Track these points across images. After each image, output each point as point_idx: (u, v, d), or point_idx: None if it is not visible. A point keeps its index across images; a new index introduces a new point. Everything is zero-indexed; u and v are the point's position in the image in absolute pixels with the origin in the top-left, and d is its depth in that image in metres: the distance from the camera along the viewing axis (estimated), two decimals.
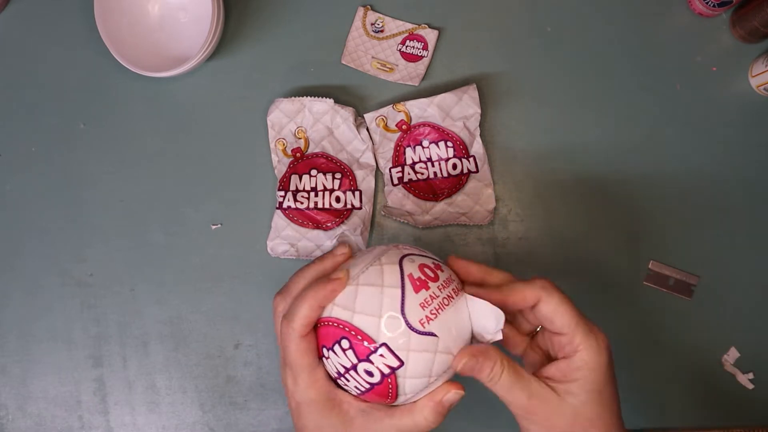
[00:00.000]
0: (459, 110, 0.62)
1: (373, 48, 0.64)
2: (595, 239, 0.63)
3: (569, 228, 0.63)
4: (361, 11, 0.64)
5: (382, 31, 0.64)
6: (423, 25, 0.64)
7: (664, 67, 0.64)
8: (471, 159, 0.62)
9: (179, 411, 0.63)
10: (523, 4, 0.64)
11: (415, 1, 0.64)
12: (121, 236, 0.64)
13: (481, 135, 0.62)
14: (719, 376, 0.62)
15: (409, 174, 0.62)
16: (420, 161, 0.62)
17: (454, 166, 0.62)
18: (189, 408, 0.63)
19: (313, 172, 0.62)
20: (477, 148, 0.62)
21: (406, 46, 0.64)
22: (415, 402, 0.42)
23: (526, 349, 0.47)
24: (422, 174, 0.62)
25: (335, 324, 0.41)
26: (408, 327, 0.40)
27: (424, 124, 0.62)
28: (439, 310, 0.40)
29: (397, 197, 0.62)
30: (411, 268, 0.42)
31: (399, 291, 0.40)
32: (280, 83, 0.64)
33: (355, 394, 0.42)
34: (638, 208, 0.63)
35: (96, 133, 0.65)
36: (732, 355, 0.62)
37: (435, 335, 0.40)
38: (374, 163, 0.63)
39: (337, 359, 0.41)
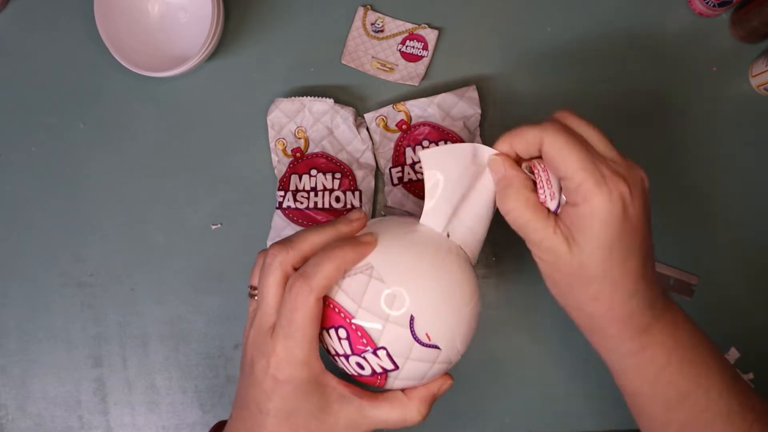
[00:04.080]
0: (459, 110, 0.62)
1: (373, 48, 0.64)
2: None
3: None
4: (361, 11, 0.64)
5: (382, 31, 0.64)
6: (423, 25, 0.64)
7: (664, 67, 0.64)
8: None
9: (179, 411, 0.63)
10: (523, 4, 0.64)
11: (415, 1, 0.64)
12: (121, 236, 0.64)
13: (481, 135, 0.62)
14: None
15: (409, 174, 0.62)
16: (420, 161, 0.62)
17: None
18: (189, 408, 0.63)
19: (313, 172, 0.62)
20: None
21: (406, 46, 0.64)
22: (403, 392, 0.40)
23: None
24: (422, 174, 0.62)
25: (337, 310, 0.38)
26: (413, 337, 0.38)
27: (424, 124, 0.62)
28: None
29: (397, 197, 0.62)
30: None
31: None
32: (280, 83, 0.64)
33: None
34: None
35: (96, 133, 0.65)
36: (732, 355, 0.62)
37: (438, 348, 0.39)
38: (374, 163, 0.63)
39: (330, 342, 0.39)
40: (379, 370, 0.39)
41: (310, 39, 0.65)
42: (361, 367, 0.39)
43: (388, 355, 0.38)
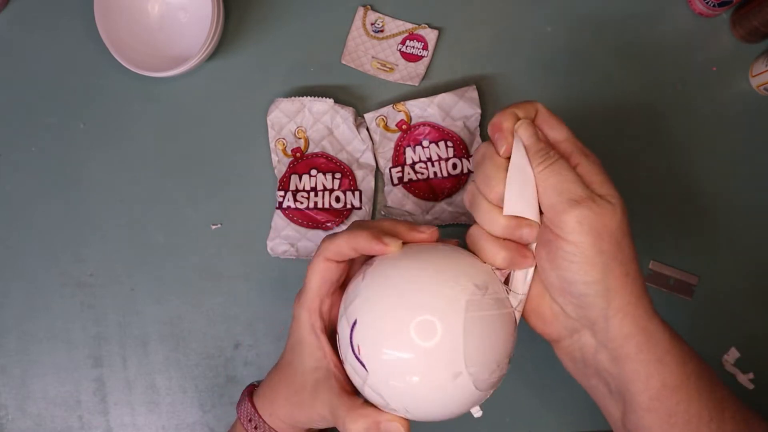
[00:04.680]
0: (459, 110, 0.62)
1: (373, 48, 0.64)
2: None
3: None
4: (361, 11, 0.64)
5: (382, 30, 0.64)
6: (423, 25, 0.64)
7: (664, 67, 0.64)
8: (471, 159, 0.62)
9: (179, 411, 0.63)
10: (523, 4, 0.64)
11: (415, 1, 0.64)
12: (121, 236, 0.64)
13: (481, 135, 0.62)
14: (719, 377, 0.62)
15: (409, 174, 0.62)
16: (420, 161, 0.62)
17: (454, 166, 0.62)
18: (189, 408, 0.63)
19: (313, 172, 0.62)
20: (477, 147, 0.62)
21: (406, 46, 0.64)
22: (362, 403, 0.40)
23: None
24: (422, 174, 0.62)
25: (344, 315, 0.40)
26: (349, 342, 0.38)
27: (424, 124, 0.62)
28: None
29: (397, 197, 0.62)
30: None
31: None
32: (280, 83, 0.64)
33: None
34: (638, 208, 0.63)
35: (96, 133, 0.65)
36: (732, 355, 0.62)
37: (365, 368, 0.39)
38: (374, 163, 0.63)
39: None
40: (354, 370, 0.40)
41: (310, 39, 0.65)
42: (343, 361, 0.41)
43: (363, 365, 0.38)
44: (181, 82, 0.65)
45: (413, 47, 0.64)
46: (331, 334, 0.43)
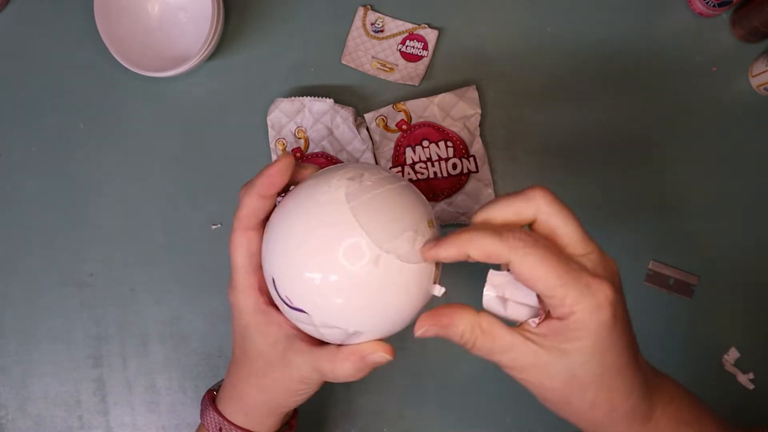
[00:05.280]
0: (459, 110, 0.62)
1: (373, 48, 0.64)
2: (595, 239, 0.63)
3: None
4: (361, 11, 0.64)
5: (382, 31, 0.64)
6: (423, 25, 0.64)
7: (664, 67, 0.64)
8: (471, 159, 0.62)
9: (179, 411, 0.63)
10: (523, 4, 0.64)
11: (415, 1, 0.64)
12: (121, 236, 0.64)
13: (481, 135, 0.62)
14: (719, 376, 0.62)
15: (409, 174, 0.62)
16: (420, 161, 0.62)
17: (454, 166, 0.62)
18: (189, 408, 0.63)
19: None
20: (477, 148, 0.62)
21: (406, 46, 0.64)
22: (339, 348, 0.39)
23: None
24: (422, 174, 0.62)
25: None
26: (279, 298, 0.39)
27: (424, 124, 0.62)
28: None
29: None
30: None
31: None
32: (280, 83, 0.64)
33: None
34: (638, 208, 0.63)
35: (96, 133, 0.65)
36: (732, 355, 0.62)
37: (304, 311, 0.38)
38: (374, 163, 0.63)
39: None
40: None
41: (310, 39, 0.65)
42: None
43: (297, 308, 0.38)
44: (181, 82, 0.65)
45: (413, 47, 0.64)
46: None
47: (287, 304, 0.38)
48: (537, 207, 0.36)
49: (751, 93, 0.63)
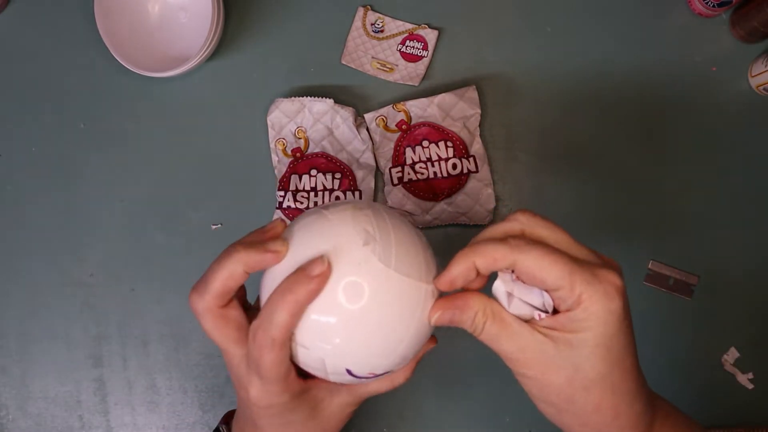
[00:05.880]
0: (459, 110, 0.62)
1: (373, 48, 0.64)
2: (595, 239, 0.63)
3: (569, 228, 0.63)
4: (361, 11, 0.64)
5: (382, 31, 0.64)
6: (423, 25, 0.64)
7: (664, 67, 0.64)
8: (471, 159, 0.62)
9: (179, 411, 0.63)
10: (523, 4, 0.64)
11: (415, 1, 0.64)
12: (121, 236, 0.64)
13: (481, 135, 0.62)
14: (719, 376, 0.62)
15: (409, 174, 0.62)
16: (420, 161, 0.62)
17: (454, 166, 0.62)
18: (189, 408, 0.63)
19: (313, 172, 0.62)
20: (477, 148, 0.62)
21: (406, 46, 0.64)
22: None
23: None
24: (422, 174, 0.62)
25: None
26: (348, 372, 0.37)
27: (424, 124, 0.62)
28: None
29: (397, 197, 0.62)
30: None
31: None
32: (280, 83, 0.64)
33: None
34: (638, 207, 0.63)
35: (96, 133, 0.65)
36: (732, 355, 0.62)
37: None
38: (374, 163, 0.63)
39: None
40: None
41: (310, 39, 0.65)
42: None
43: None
44: (181, 82, 0.65)
45: (413, 47, 0.64)
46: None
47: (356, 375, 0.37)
48: (522, 223, 0.38)
49: (751, 93, 0.63)
